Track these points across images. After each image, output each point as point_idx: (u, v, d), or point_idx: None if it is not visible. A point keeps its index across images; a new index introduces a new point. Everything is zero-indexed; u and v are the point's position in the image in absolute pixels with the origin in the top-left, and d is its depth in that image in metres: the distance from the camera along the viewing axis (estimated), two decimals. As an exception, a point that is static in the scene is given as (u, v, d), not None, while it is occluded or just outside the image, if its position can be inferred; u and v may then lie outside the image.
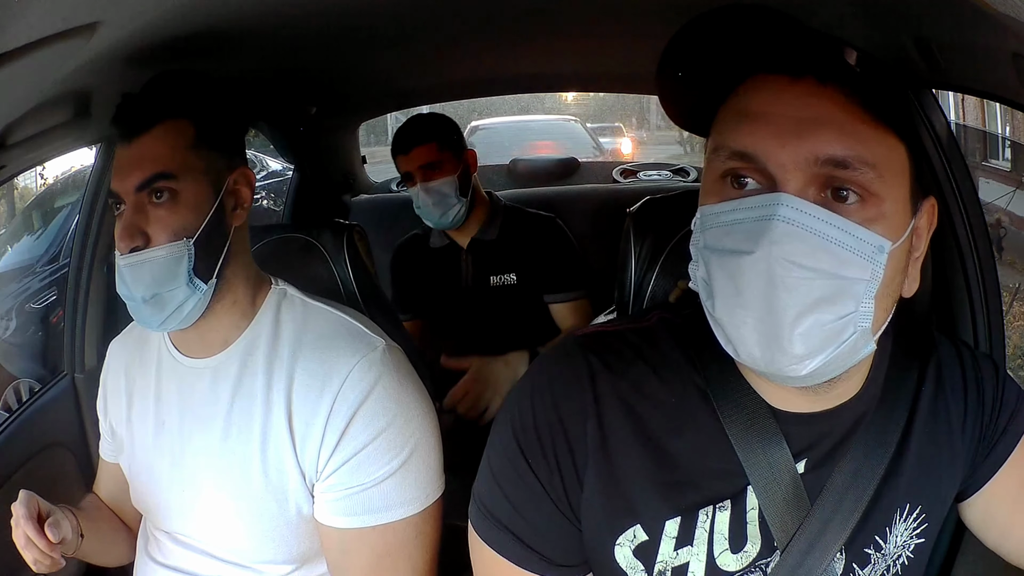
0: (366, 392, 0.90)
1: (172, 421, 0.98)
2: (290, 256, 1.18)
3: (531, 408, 0.68)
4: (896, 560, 0.71)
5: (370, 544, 0.91)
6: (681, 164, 2.72)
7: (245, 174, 0.96)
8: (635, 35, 1.53)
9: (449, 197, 1.68)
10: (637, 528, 0.67)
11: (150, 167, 0.88)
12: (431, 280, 1.81)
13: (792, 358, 0.57)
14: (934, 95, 1.10)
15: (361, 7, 1.15)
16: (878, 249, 0.57)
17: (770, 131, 0.57)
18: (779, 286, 0.56)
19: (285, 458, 0.91)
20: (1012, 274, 4.75)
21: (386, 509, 0.90)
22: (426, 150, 1.68)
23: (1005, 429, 0.73)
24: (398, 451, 0.91)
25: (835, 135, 0.56)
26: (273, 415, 0.92)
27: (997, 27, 0.71)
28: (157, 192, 0.88)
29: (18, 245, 4.15)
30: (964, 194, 1.10)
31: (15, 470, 1.20)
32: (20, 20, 0.60)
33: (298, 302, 0.99)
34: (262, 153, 6.18)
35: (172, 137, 0.90)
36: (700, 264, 0.62)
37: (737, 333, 0.58)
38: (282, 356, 0.94)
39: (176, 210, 0.89)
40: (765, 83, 0.60)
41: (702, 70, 0.64)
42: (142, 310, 0.90)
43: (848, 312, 0.57)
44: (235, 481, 0.93)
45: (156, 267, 0.88)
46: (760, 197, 0.57)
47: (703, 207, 0.62)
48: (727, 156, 0.59)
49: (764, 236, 0.55)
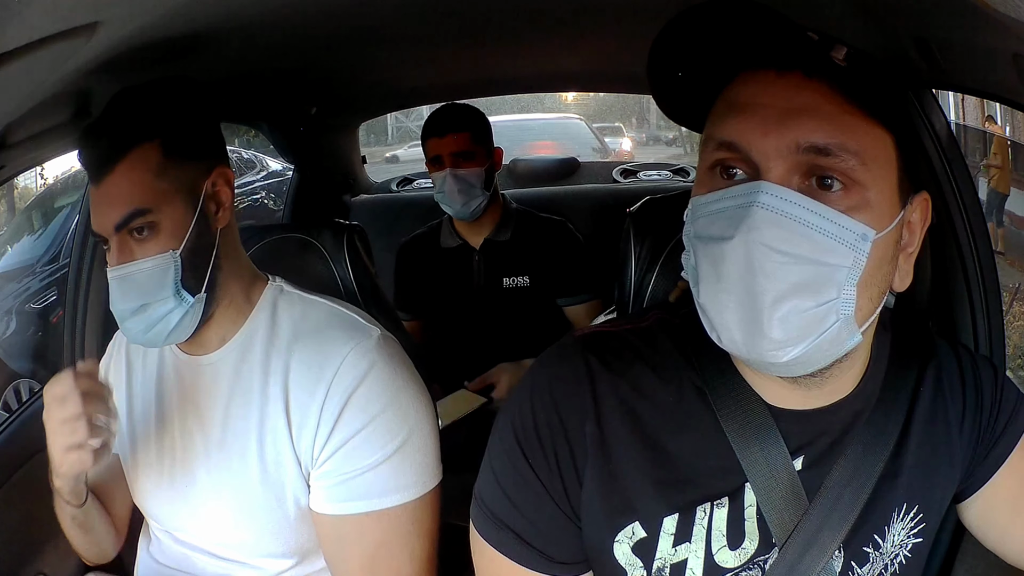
0: (360, 377, 0.90)
1: (172, 418, 0.98)
2: (290, 256, 1.19)
3: (531, 408, 0.69)
4: (894, 559, 0.71)
5: (366, 532, 0.90)
6: (681, 164, 2.72)
7: (223, 173, 0.95)
8: (635, 35, 1.52)
9: (474, 188, 1.69)
10: (636, 525, 0.67)
11: (124, 206, 0.87)
12: (440, 279, 1.81)
13: (772, 343, 0.57)
14: (934, 95, 1.10)
15: (361, 7, 1.15)
16: (861, 237, 0.57)
17: (755, 121, 0.58)
18: (757, 271, 0.56)
19: (282, 448, 0.92)
20: (1012, 274, 4.76)
21: (381, 495, 0.90)
22: (461, 138, 1.69)
23: (1003, 431, 0.73)
24: (393, 436, 0.90)
25: (818, 123, 0.57)
26: (270, 406, 0.92)
27: (997, 27, 0.71)
28: (137, 229, 0.88)
29: (18, 245, 4.15)
30: (964, 194, 1.10)
31: (15, 470, 1.20)
32: (20, 20, 0.60)
33: (295, 297, 0.99)
34: (262, 153, 6.18)
35: (139, 169, 0.88)
36: (690, 253, 0.63)
37: (720, 318, 0.59)
38: (279, 349, 0.94)
39: (159, 239, 0.89)
40: (754, 77, 0.61)
41: (691, 66, 0.65)
42: (129, 323, 0.90)
43: (829, 299, 0.57)
44: (233, 473, 0.93)
45: (143, 277, 0.88)
46: (743, 186, 0.58)
47: (694, 198, 0.63)
48: (715, 147, 0.61)
49: (743, 222, 0.56)
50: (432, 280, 1.82)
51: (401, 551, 0.92)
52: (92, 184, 0.90)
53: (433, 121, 1.73)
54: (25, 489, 1.19)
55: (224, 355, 0.96)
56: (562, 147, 6.63)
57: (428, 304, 1.85)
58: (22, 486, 1.20)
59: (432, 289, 1.83)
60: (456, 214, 1.75)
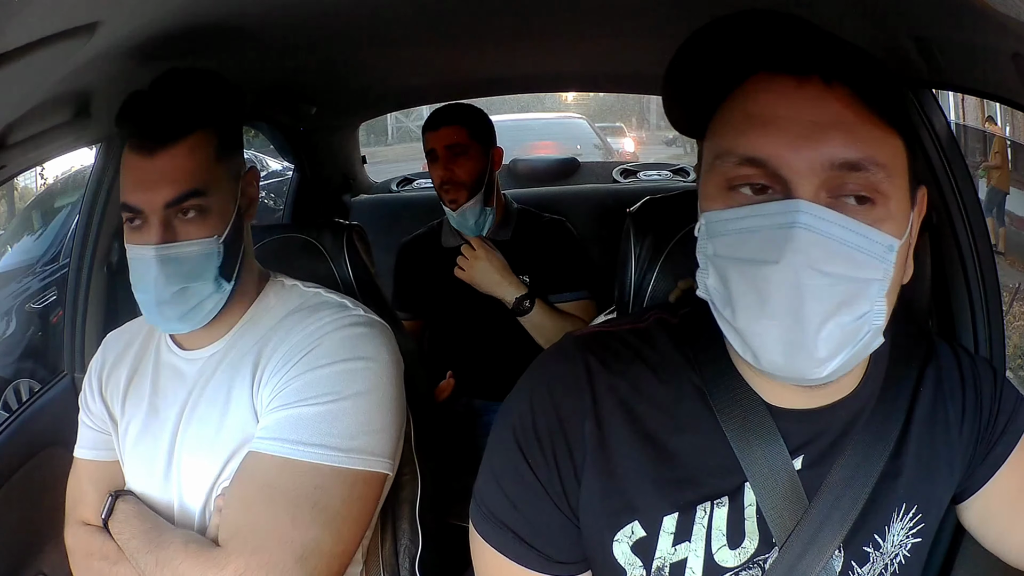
0: (329, 332, 0.90)
1: (168, 412, 0.98)
2: (290, 256, 1.19)
3: (530, 408, 0.69)
4: (894, 559, 0.71)
5: (263, 473, 0.85)
6: (681, 164, 2.72)
7: (254, 172, 0.98)
8: (636, 35, 1.53)
9: (477, 205, 1.68)
10: (635, 524, 0.67)
11: (182, 184, 0.86)
12: (441, 279, 1.81)
13: (815, 362, 0.57)
14: (934, 95, 1.10)
15: (361, 7, 1.15)
16: (888, 248, 0.57)
17: (784, 137, 0.57)
18: (805, 294, 0.55)
19: (243, 405, 0.91)
20: (1012, 274, 4.76)
21: (314, 440, 0.85)
22: (454, 131, 1.69)
23: (1003, 432, 0.73)
24: (346, 386, 0.87)
25: (847, 138, 0.56)
26: (242, 370, 0.93)
27: (997, 27, 0.71)
28: (186, 210, 0.87)
29: (18, 245, 4.14)
30: (964, 194, 1.10)
31: (15, 470, 1.20)
32: (20, 20, 0.60)
33: (295, 290, 1.01)
34: (262, 153, 6.18)
35: (202, 150, 0.88)
36: (710, 272, 0.61)
37: (760, 342, 0.58)
38: (264, 329, 0.95)
39: (205, 224, 0.89)
40: (770, 85, 0.59)
41: (708, 73, 0.63)
42: (163, 307, 0.89)
43: (864, 312, 0.57)
44: (204, 442, 0.93)
45: (189, 259, 0.88)
46: (777, 204, 0.56)
47: (708, 213, 0.61)
48: (737, 162, 0.59)
49: (788, 245, 0.55)
50: (432, 280, 1.82)
51: (287, 511, 0.83)
52: (141, 156, 0.87)
53: (431, 117, 1.74)
54: (25, 489, 1.19)
55: (219, 347, 0.97)
56: (564, 146, 6.60)
57: (428, 304, 1.85)
58: (22, 486, 1.19)
59: (432, 289, 1.82)
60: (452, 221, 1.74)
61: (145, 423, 0.99)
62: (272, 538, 0.82)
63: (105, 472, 1.03)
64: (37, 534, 1.20)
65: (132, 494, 0.98)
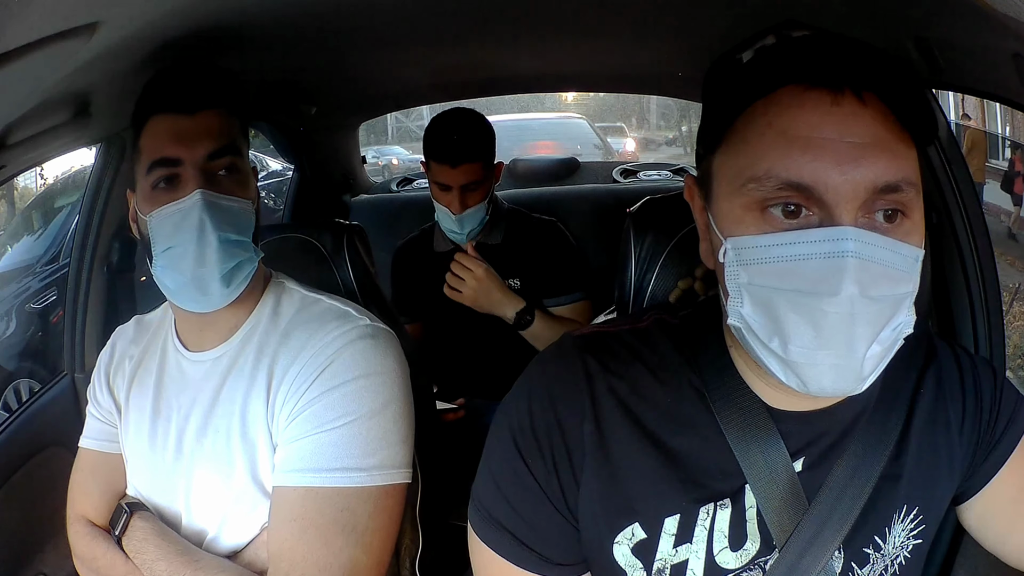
0: (339, 349, 0.91)
1: (171, 414, 0.98)
2: (290, 256, 1.19)
3: (529, 409, 0.68)
4: (894, 560, 0.71)
5: (299, 506, 0.86)
6: (681, 164, 2.72)
7: (255, 171, 1.00)
8: (636, 35, 1.53)
9: (480, 214, 1.67)
10: (636, 527, 0.67)
11: (223, 138, 0.90)
12: (434, 283, 1.81)
13: (860, 380, 0.58)
14: (934, 95, 1.10)
15: (361, 7, 1.15)
16: (915, 260, 0.58)
17: (826, 159, 0.55)
18: (857, 321, 0.55)
19: (259, 426, 0.92)
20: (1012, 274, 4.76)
21: (335, 464, 0.86)
22: (474, 169, 1.61)
23: (1003, 433, 0.73)
24: (360, 404, 0.88)
25: (888, 159, 0.56)
26: (256, 386, 0.93)
27: (997, 27, 0.71)
28: (226, 167, 0.90)
29: (18, 245, 4.15)
30: (964, 194, 1.10)
31: (15, 470, 1.20)
32: (20, 20, 0.60)
33: (296, 294, 1.00)
34: (262, 153, 6.18)
35: (232, 119, 0.93)
36: (745, 301, 0.59)
37: (814, 372, 0.58)
38: (273, 339, 0.95)
39: (241, 184, 0.92)
40: (803, 100, 0.56)
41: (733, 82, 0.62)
42: (205, 260, 0.87)
43: (898, 323, 0.58)
44: (219, 457, 0.93)
45: (235, 210, 0.90)
46: (823, 231, 0.55)
47: (738, 238, 0.59)
48: (776, 186, 0.56)
49: (844, 276, 0.54)
50: (426, 284, 1.81)
51: (320, 539, 0.84)
52: (180, 116, 0.89)
53: (443, 145, 1.61)
54: (25, 489, 1.19)
55: (226, 349, 0.97)
56: (565, 146, 6.59)
57: (424, 307, 1.85)
58: (22, 486, 1.20)
59: (428, 293, 1.82)
60: (457, 238, 1.71)
61: (148, 424, 0.99)
62: (312, 568, 0.84)
63: (108, 464, 1.04)
64: (37, 534, 1.20)
65: (146, 508, 0.98)
